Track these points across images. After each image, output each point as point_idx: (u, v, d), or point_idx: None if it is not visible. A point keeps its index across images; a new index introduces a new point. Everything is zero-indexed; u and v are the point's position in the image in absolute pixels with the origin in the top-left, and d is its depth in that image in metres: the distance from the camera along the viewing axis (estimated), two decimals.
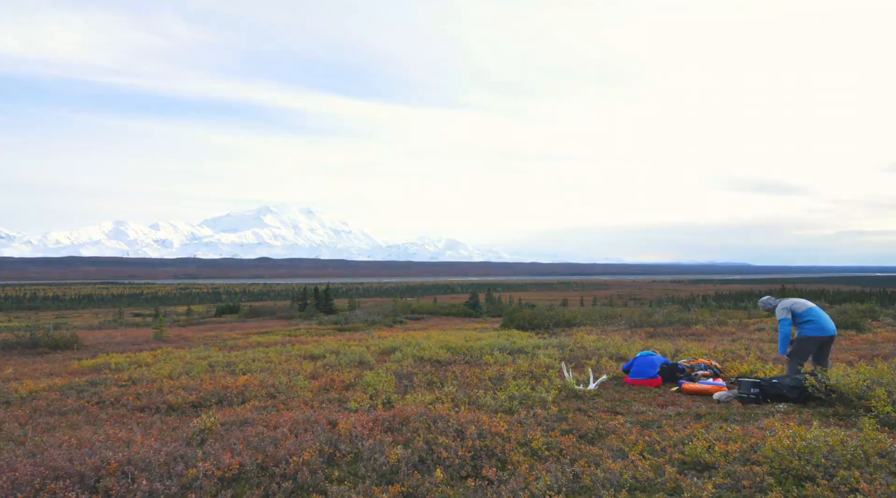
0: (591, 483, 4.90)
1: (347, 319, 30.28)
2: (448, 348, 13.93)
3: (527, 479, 5.04)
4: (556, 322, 22.15)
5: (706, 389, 8.77)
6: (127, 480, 5.07)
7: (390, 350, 14.46)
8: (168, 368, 12.30)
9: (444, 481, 5.09)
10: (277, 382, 10.15)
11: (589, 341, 14.85)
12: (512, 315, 23.94)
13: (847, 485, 4.65)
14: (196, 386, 9.94)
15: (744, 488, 4.75)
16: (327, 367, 12.03)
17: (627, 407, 8.07)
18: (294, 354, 14.07)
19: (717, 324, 20.54)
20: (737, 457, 5.46)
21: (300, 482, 5.13)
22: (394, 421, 6.79)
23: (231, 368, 12.22)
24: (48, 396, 9.67)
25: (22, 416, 8.39)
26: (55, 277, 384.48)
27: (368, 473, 5.37)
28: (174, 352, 15.59)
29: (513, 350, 13.76)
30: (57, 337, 18.26)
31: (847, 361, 10.82)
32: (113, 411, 8.66)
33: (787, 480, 4.93)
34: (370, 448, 5.79)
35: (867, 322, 17.81)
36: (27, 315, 67.83)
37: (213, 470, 5.23)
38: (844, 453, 5.16)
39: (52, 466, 5.33)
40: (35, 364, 14.33)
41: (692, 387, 8.92)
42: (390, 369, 11.33)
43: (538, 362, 11.57)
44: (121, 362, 13.47)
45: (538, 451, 5.86)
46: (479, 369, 11.06)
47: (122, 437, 6.77)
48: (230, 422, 7.23)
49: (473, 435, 6.19)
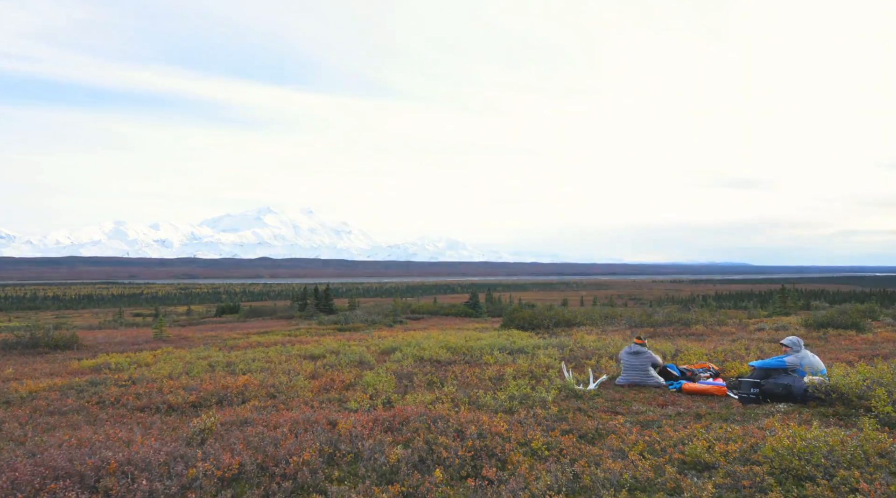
0: (592, 483, 4.90)
1: (347, 319, 30.29)
2: (448, 348, 13.94)
3: (527, 479, 5.04)
4: (556, 322, 22.15)
5: (706, 390, 8.78)
6: (127, 480, 5.07)
7: (390, 350, 14.46)
8: (168, 368, 12.31)
9: (445, 481, 5.09)
10: (277, 382, 10.16)
11: (589, 341, 14.85)
12: (512, 315, 23.93)
13: (847, 485, 4.65)
14: (196, 386, 9.94)
15: (744, 488, 4.75)
16: (327, 367, 12.03)
17: (627, 407, 8.07)
18: (294, 354, 14.07)
19: (717, 324, 20.53)
20: (737, 457, 5.46)
21: (300, 482, 5.13)
22: (394, 421, 6.80)
23: (231, 368, 12.23)
24: (48, 396, 9.67)
25: (22, 416, 8.40)
26: (55, 277, 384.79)
27: (368, 473, 5.37)
28: (174, 352, 15.60)
29: (513, 350, 13.76)
30: (57, 337, 18.26)
31: (847, 360, 10.82)
32: (113, 411, 8.66)
33: (787, 480, 4.93)
34: (370, 448, 5.79)
35: (867, 322, 17.81)
36: (27, 315, 67.89)
37: (213, 470, 5.24)
38: (844, 453, 5.16)
39: (52, 465, 5.34)
40: (35, 364, 14.34)
41: (692, 387, 8.92)
42: (390, 369, 11.33)
43: (538, 362, 11.58)
44: (121, 362, 13.48)
45: (538, 451, 5.87)
46: (479, 369, 11.07)
47: (122, 437, 6.78)
48: (230, 422, 7.24)
49: (473, 435, 6.19)
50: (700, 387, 8.89)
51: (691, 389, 8.89)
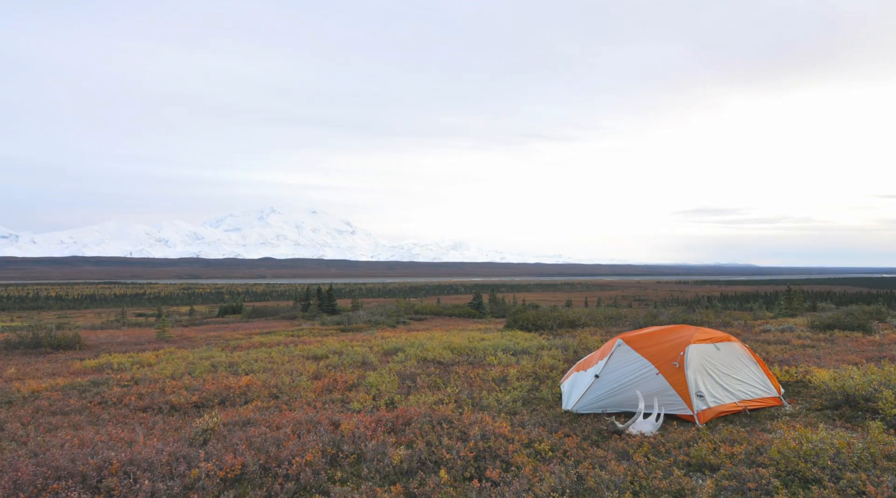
0: (596, 485, 4.87)
1: (350, 320, 30.28)
2: (451, 349, 13.91)
3: (531, 480, 5.01)
4: (559, 323, 22.09)
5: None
6: (129, 481, 5.06)
7: (393, 351, 14.43)
8: (171, 368, 12.30)
9: (448, 483, 5.06)
10: (280, 382, 10.15)
11: (593, 342, 14.79)
12: (516, 316, 23.87)
13: (854, 488, 4.61)
14: (199, 386, 9.94)
15: (749, 491, 4.71)
16: (330, 367, 12.01)
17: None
18: (297, 355, 14.05)
19: (721, 325, 20.46)
20: (742, 459, 5.43)
21: (303, 483, 5.11)
22: (397, 422, 6.78)
23: (234, 368, 12.22)
24: (50, 396, 9.67)
25: (24, 416, 8.40)
26: (58, 277, 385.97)
27: (371, 474, 5.35)
28: (177, 352, 15.59)
29: (516, 351, 13.73)
30: (59, 337, 18.27)
31: (854, 362, 10.76)
32: (115, 411, 8.65)
33: (792, 482, 4.89)
34: (373, 449, 5.77)
35: (874, 324, 17.72)
36: (30, 315, 68.06)
37: (216, 470, 5.23)
38: (851, 456, 5.12)
39: (55, 466, 5.33)
40: (38, 364, 14.35)
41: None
42: (393, 370, 11.31)
43: (542, 363, 11.54)
44: (123, 362, 13.48)
45: (542, 452, 5.84)
46: (483, 370, 11.04)
47: (124, 437, 6.78)
48: (233, 422, 7.23)
49: (477, 436, 6.17)
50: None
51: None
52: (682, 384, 7.14)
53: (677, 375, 7.24)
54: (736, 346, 8.16)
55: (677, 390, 7.13)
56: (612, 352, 7.97)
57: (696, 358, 7.46)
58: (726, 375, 7.65)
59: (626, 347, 7.92)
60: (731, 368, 7.79)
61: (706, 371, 7.46)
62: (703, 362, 7.52)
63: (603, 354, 8.17)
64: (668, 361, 7.40)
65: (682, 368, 7.26)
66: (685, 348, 7.45)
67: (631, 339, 8.12)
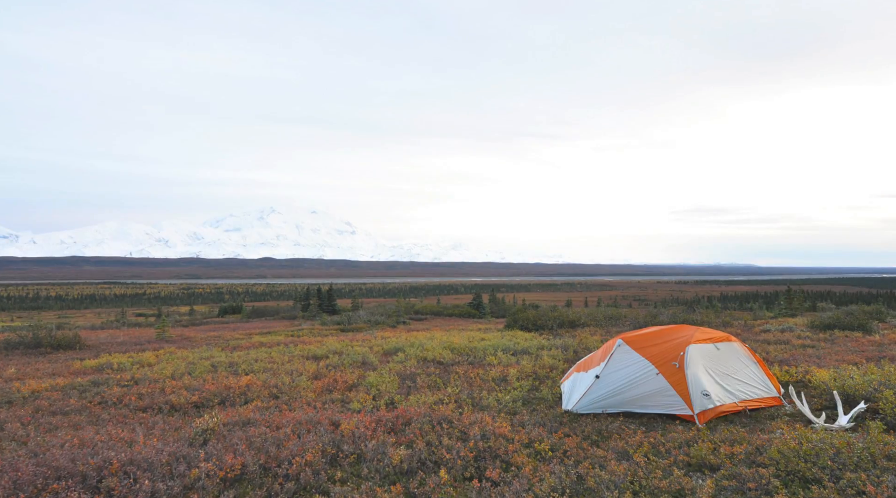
0: (596, 485, 4.87)
1: (350, 320, 30.27)
2: (451, 349, 13.91)
3: (531, 480, 5.01)
4: (559, 323, 22.09)
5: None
6: (129, 481, 5.06)
7: (393, 351, 14.44)
8: (171, 368, 12.30)
9: (448, 483, 5.06)
10: (280, 382, 10.15)
11: (593, 342, 14.79)
12: (516, 316, 23.87)
13: (854, 488, 4.61)
14: (199, 386, 9.94)
15: (749, 491, 4.71)
16: (330, 367, 12.01)
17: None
18: (297, 355, 14.05)
19: (722, 325, 20.46)
20: (742, 459, 5.42)
21: (303, 483, 5.12)
22: (397, 422, 6.78)
23: (234, 368, 12.22)
24: (50, 396, 9.67)
25: (24, 416, 8.40)
26: (58, 277, 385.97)
27: (371, 474, 5.36)
28: (177, 352, 15.59)
29: (516, 351, 13.73)
30: (59, 337, 18.27)
31: (854, 362, 10.76)
32: (115, 411, 8.65)
33: (792, 482, 4.90)
34: (373, 449, 5.78)
35: (874, 324, 17.72)
36: (30, 315, 68.05)
37: (216, 470, 5.23)
38: (851, 456, 5.12)
39: (55, 466, 5.33)
40: (38, 364, 14.34)
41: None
42: (393, 370, 11.32)
43: (542, 363, 11.55)
44: (123, 362, 13.48)
45: (542, 452, 5.84)
46: (483, 370, 11.04)
47: (124, 437, 6.78)
48: (233, 422, 7.22)
49: (477, 436, 6.17)
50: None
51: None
52: (682, 384, 7.14)
53: (677, 375, 7.24)
54: (736, 346, 8.16)
55: (677, 390, 7.14)
56: (612, 352, 7.97)
57: (697, 358, 7.47)
58: (726, 375, 7.66)
59: (627, 348, 7.92)
60: (732, 368, 7.79)
61: (706, 371, 7.47)
62: (704, 362, 7.52)
63: (604, 355, 8.17)
64: (669, 362, 7.41)
65: (682, 368, 7.27)
66: (685, 348, 7.46)
67: (631, 339, 8.13)
